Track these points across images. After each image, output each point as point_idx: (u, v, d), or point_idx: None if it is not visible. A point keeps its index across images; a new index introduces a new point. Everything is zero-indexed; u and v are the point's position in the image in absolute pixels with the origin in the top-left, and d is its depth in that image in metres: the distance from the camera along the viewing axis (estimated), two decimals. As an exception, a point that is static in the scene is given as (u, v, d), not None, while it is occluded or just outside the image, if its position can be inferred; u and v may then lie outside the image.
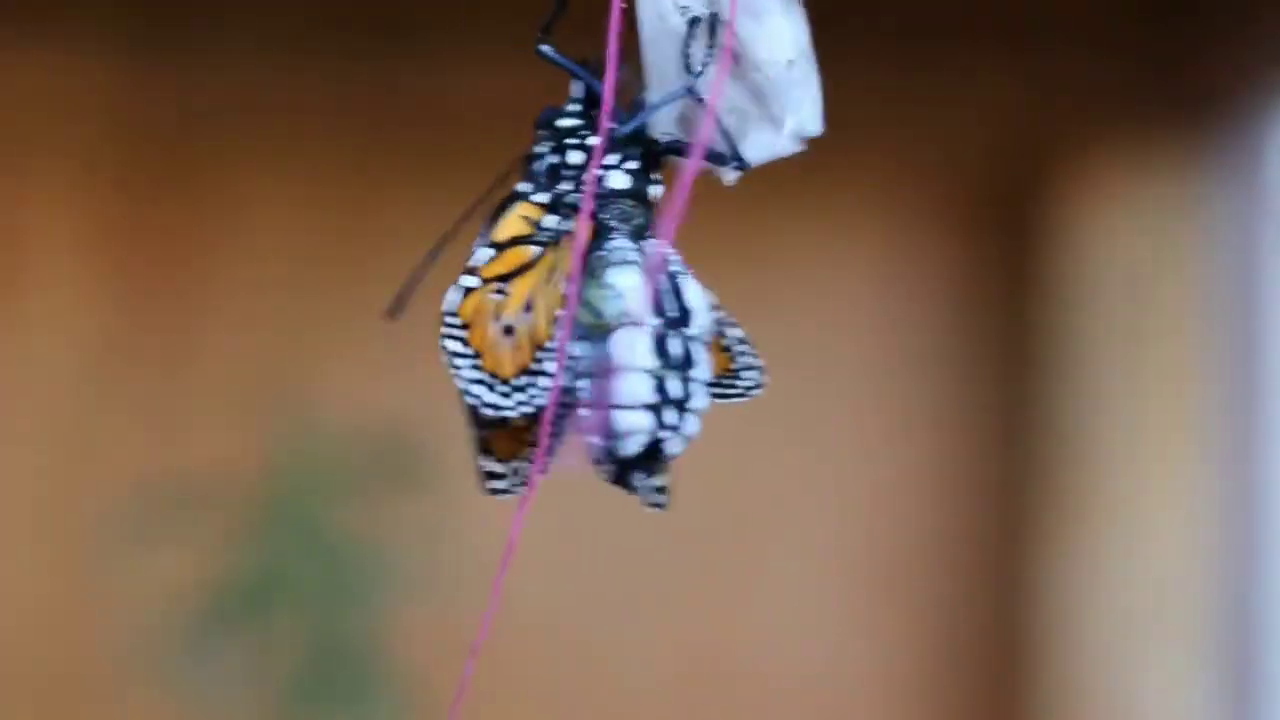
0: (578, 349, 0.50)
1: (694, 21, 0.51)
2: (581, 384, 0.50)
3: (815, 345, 1.83)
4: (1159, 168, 1.81)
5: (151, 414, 1.81)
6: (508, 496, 0.53)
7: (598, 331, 0.50)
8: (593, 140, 0.52)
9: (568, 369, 0.50)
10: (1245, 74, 1.76)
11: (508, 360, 0.51)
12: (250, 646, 1.63)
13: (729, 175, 0.52)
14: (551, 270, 0.51)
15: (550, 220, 0.52)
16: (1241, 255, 1.76)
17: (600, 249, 0.51)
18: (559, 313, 0.50)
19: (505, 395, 0.50)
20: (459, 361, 0.50)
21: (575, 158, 0.52)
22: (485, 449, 0.53)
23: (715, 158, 0.51)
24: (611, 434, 0.49)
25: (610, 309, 0.50)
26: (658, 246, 0.50)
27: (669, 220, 0.49)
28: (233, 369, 1.80)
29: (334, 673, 1.62)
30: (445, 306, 0.51)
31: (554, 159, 0.52)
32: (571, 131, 0.52)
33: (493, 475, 0.53)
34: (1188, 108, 1.81)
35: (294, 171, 1.84)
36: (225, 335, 1.82)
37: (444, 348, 0.50)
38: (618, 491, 0.53)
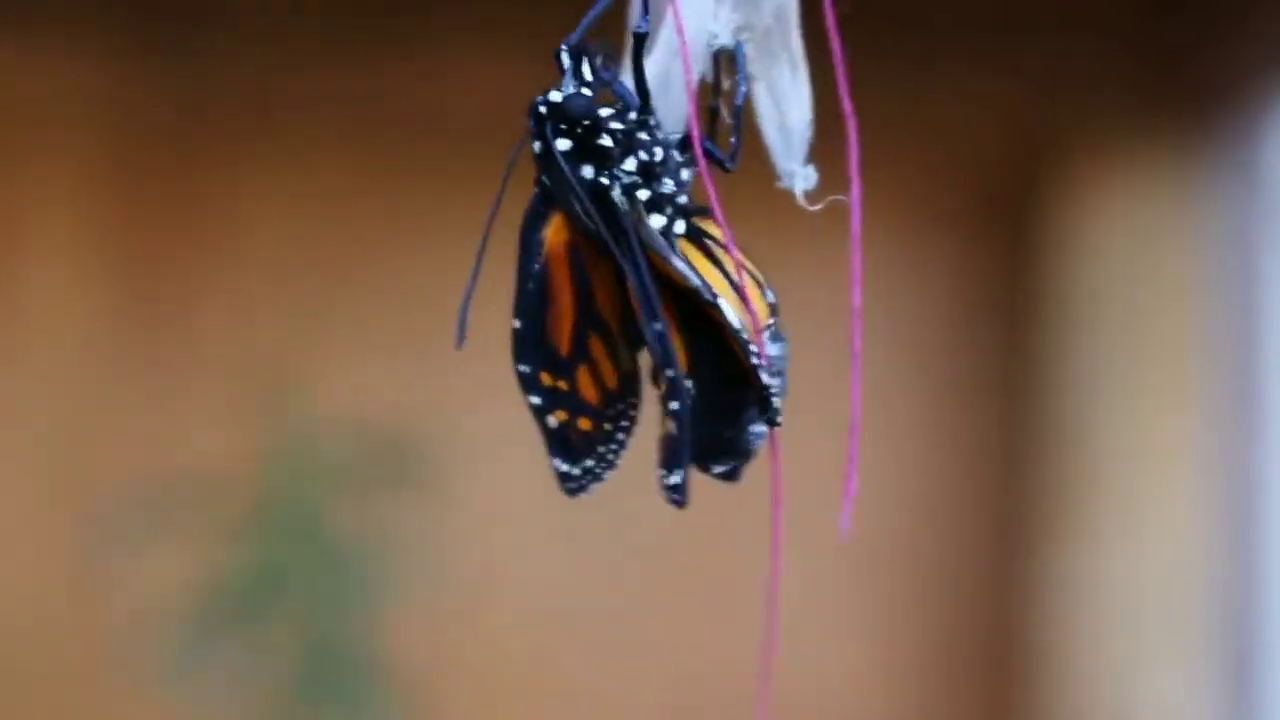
0: (775, 349, 0.51)
1: (720, 51, 0.51)
2: (776, 382, 0.51)
3: (814, 345, 1.83)
4: (1159, 167, 1.81)
5: (150, 413, 1.81)
6: (584, 495, 0.53)
7: (778, 331, 0.51)
8: (661, 135, 0.51)
9: (769, 369, 0.50)
10: (1245, 74, 1.76)
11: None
12: (248, 646, 1.63)
13: (797, 186, 0.52)
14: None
15: (656, 220, 0.51)
16: (1241, 254, 1.76)
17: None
18: (769, 319, 0.50)
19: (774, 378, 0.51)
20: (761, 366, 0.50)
21: (659, 155, 0.51)
22: (560, 449, 0.53)
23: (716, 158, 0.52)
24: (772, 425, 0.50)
25: (776, 307, 0.51)
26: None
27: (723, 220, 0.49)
28: (232, 368, 1.80)
29: (332, 672, 1.62)
30: (734, 322, 0.50)
31: (644, 155, 0.51)
32: (642, 125, 0.51)
33: (567, 476, 0.53)
34: (1188, 107, 1.81)
35: (294, 171, 1.83)
36: (224, 335, 1.82)
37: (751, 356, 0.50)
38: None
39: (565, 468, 0.53)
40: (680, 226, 0.51)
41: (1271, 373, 1.73)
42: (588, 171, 0.51)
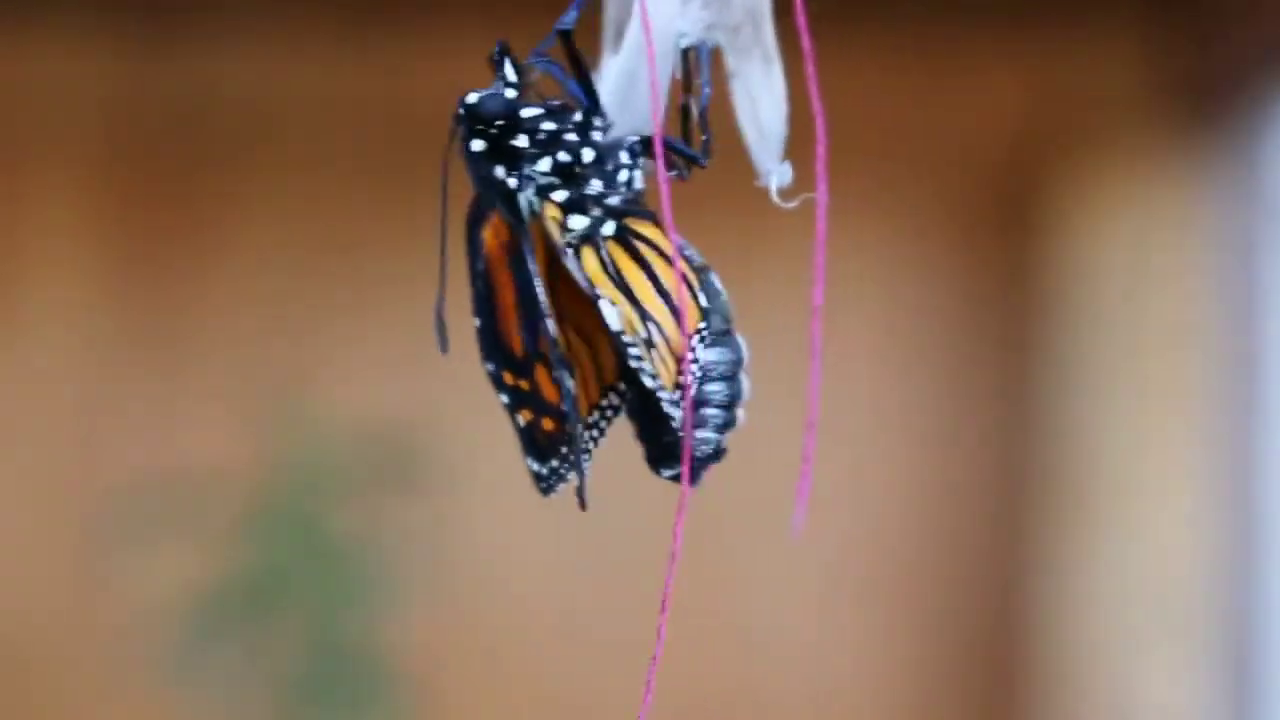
0: (712, 354, 0.50)
1: (688, 50, 0.51)
2: (716, 388, 0.49)
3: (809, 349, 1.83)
4: (1159, 166, 1.81)
5: (150, 413, 1.81)
6: (554, 494, 0.53)
7: (725, 335, 0.50)
8: (597, 136, 0.50)
9: (699, 375, 0.49)
10: (1245, 74, 1.76)
11: (665, 375, 0.49)
12: (250, 647, 1.63)
13: (772, 184, 0.52)
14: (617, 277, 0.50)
15: (578, 221, 0.50)
16: (1241, 255, 1.76)
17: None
18: (701, 324, 0.49)
19: (675, 408, 0.49)
20: (652, 384, 0.50)
21: (588, 155, 0.50)
22: (529, 449, 0.53)
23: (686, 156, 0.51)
24: (727, 431, 0.49)
25: (729, 311, 0.50)
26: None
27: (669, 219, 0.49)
28: (233, 368, 1.80)
29: (334, 673, 1.62)
30: (613, 326, 0.49)
31: (564, 156, 0.50)
32: (579, 125, 0.50)
33: (538, 476, 0.53)
34: (1188, 106, 1.81)
35: (295, 171, 1.83)
36: (225, 335, 1.82)
37: (641, 371, 0.50)
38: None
39: (535, 467, 0.53)
40: (609, 228, 0.50)
41: (1272, 371, 1.73)
42: (499, 171, 0.51)
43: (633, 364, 0.49)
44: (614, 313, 0.49)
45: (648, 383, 0.49)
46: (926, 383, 1.85)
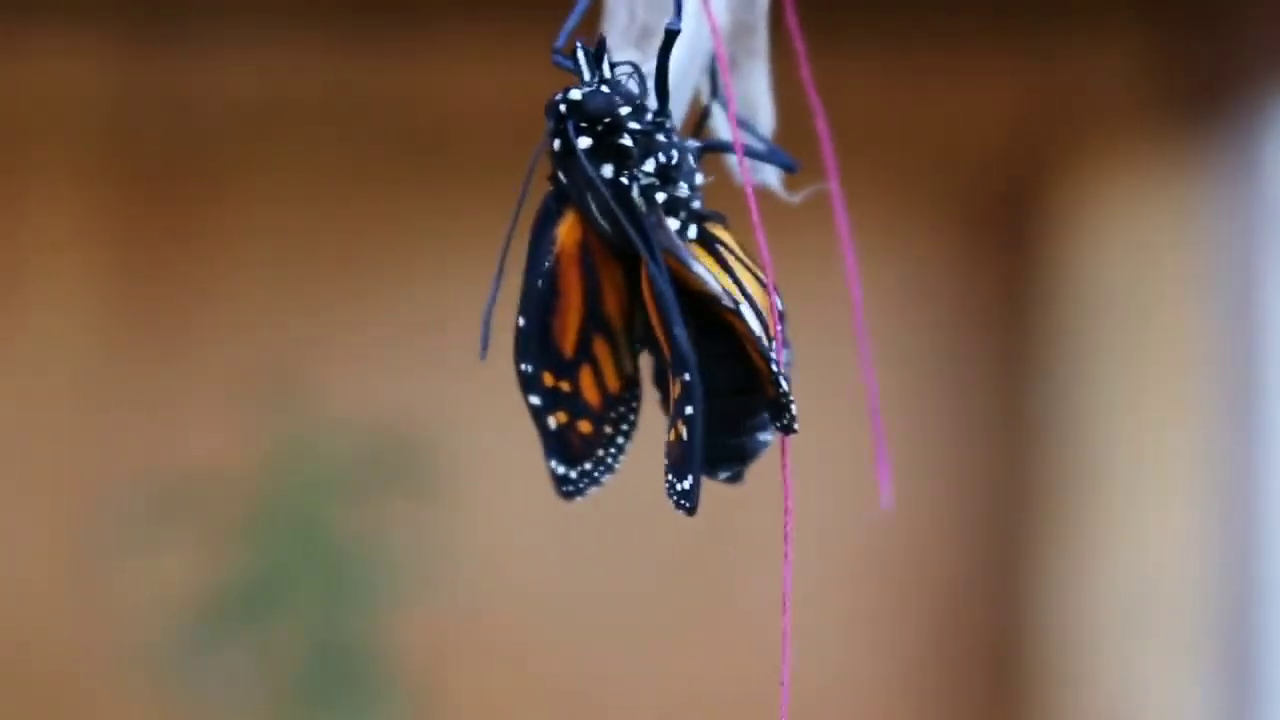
0: (786, 355, 0.50)
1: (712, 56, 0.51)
2: (786, 384, 0.50)
3: (812, 346, 1.83)
4: (1159, 167, 1.81)
5: (151, 413, 1.81)
6: (580, 498, 0.52)
7: (786, 338, 0.50)
8: (677, 138, 0.50)
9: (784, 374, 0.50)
10: (1245, 74, 1.76)
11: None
12: (250, 646, 1.63)
13: (772, 180, 0.52)
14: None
15: (672, 224, 0.50)
16: (1241, 255, 1.76)
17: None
18: (779, 326, 0.49)
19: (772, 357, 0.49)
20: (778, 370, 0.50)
21: (676, 157, 0.50)
22: (557, 452, 0.52)
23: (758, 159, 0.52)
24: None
25: (784, 314, 0.50)
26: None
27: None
28: (234, 369, 1.80)
29: (336, 674, 1.62)
30: (755, 329, 0.49)
31: (662, 157, 0.50)
32: (659, 126, 0.50)
33: (564, 479, 0.52)
34: (1188, 107, 1.81)
35: (295, 170, 1.83)
36: (225, 334, 1.82)
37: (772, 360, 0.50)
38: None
39: (562, 470, 0.52)
40: (693, 231, 0.50)
41: (1272, 372, 1.73)
42: (608, 171, 0.50)
43: (768, 360, 0.49)
44: (751, 317, 0.49)
45: (753, 325, 0.49)
46: (925, 383, 1.85)
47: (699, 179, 0.51)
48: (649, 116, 0.50)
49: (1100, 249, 1.81)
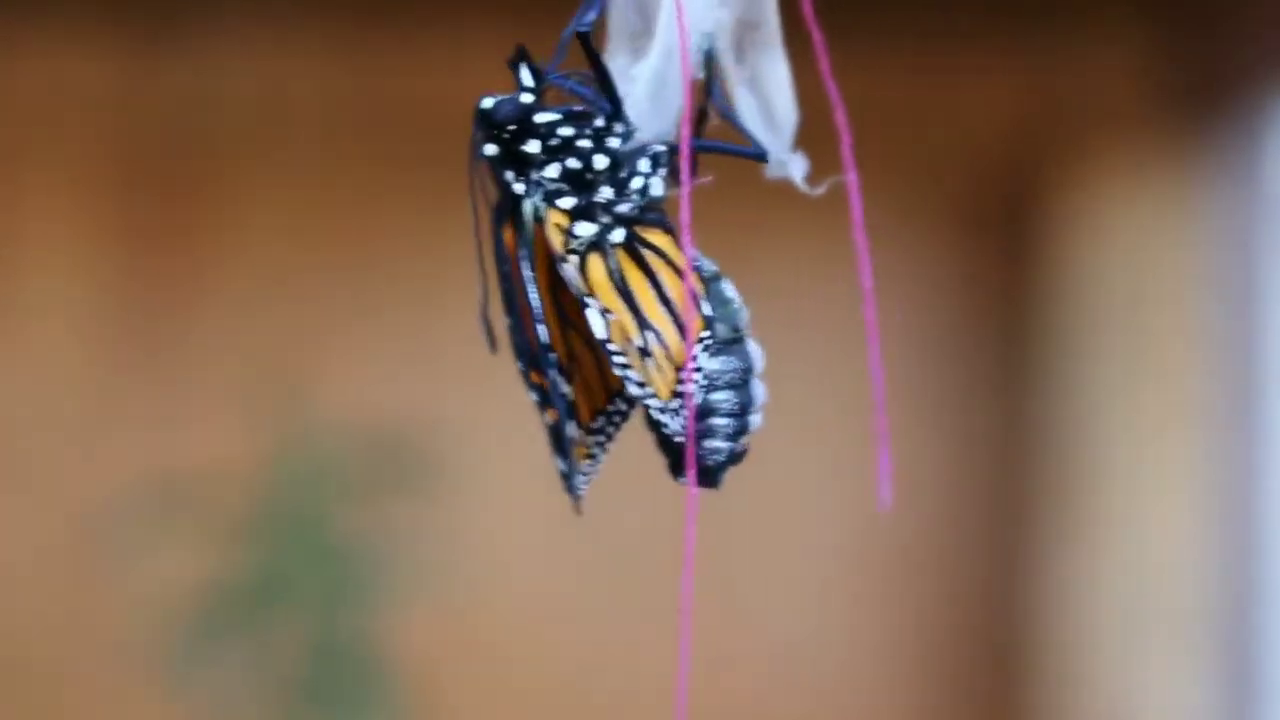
0: (716, 363, 0.49)
1: (709, 51, 0.51)
2: (723, 396, 0.49)
3: (812, 345, 1.83)
4: (1159, 167, 1.81)
5: (151, 413, 1.81)
6: (578, 493, 0.53)
7: (734, 344, 0.50)
8: (614, 143, 0.50)
9: (704, 384, 0.49)
10: (1245, 74, 1.76)
11: (660, 383, 0.49)
12: (252, 647, 1.63)
13: (794, 174, 0.52)
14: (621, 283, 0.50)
15: (585, 228, 0.50)
16: (1241, 254, 1.76)
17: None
18: (705, 333, 0.49)
19: (672, 417, 0.49)
20: (639, 392, 0.49)
21: (601, 162, 0.50)
22: (557, 448, 0.53)
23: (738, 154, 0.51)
24: (741, 437, 0.49)
25: (740, 319, 0.50)
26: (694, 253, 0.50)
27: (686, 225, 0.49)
28: (233, 368, 1.80)
29: (336, 673, 1.62)
30: (598, 334, 0.49)
31: (574, 163, 0.50)
32: (595, 132, 0.50)
33: (564, 477, 0.53)
34: (1188, 107, 1.81)
35: (295, 171, 1.83)
36: (225, 334, 1.82)
37: (627, 379, 0.50)
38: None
39: (563, 466, 0.53)
40: (618, 235, 0.50)
41: (1272, 372, 1.73)
42: (509, 176, 0.51)
43: (617, 371, 0.49)
44: (600, 321, 0.49)
45: (633, 390, 0.49)
46: (926, 383, 1.85)
47: (650, 183, 0.50)
48: (596, 123, 0.50)
49: (1100, 248, 1.81)
